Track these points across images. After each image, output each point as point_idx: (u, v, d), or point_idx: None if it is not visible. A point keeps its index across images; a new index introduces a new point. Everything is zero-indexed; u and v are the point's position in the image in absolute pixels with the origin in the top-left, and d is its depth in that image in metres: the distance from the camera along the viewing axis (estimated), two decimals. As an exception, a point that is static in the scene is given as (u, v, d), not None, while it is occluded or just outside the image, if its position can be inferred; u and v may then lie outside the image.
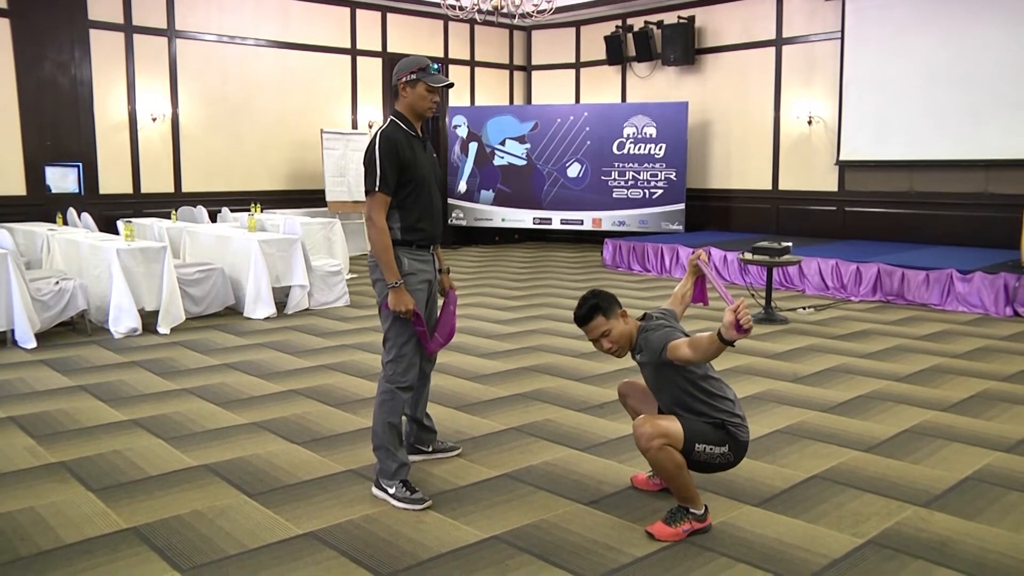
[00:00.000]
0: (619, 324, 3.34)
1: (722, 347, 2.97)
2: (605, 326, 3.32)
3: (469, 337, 7.01)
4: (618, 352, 3.37)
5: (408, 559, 3.11)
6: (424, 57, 3.76)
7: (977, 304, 8.17)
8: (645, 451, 3.21)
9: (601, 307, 3.33)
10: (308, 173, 12.90)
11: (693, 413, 3.29)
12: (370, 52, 13.59)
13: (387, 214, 3.64)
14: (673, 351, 3.15)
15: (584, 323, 3.36)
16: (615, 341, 3.33)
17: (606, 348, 3.36)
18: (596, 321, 3.32)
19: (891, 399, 5.19)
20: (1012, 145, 10.12)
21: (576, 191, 13.58)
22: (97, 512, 3.51)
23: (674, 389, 3.31)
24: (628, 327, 3.37)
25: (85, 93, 10.79)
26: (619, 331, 3.33)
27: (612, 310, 3.34)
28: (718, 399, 3.31)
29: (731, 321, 2.87)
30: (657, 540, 3.24)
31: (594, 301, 3.34)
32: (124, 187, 11.28)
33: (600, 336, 3.34)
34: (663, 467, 3.22)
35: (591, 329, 3.34)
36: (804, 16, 12.12)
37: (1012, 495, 3.69)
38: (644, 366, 3.40)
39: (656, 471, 3.33)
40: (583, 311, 3.34)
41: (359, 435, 4.50)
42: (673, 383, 3.30)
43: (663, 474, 3.27)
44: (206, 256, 8.52)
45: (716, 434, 3.28)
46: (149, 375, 5.83)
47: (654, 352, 3.25)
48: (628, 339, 3.36)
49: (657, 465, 3.24)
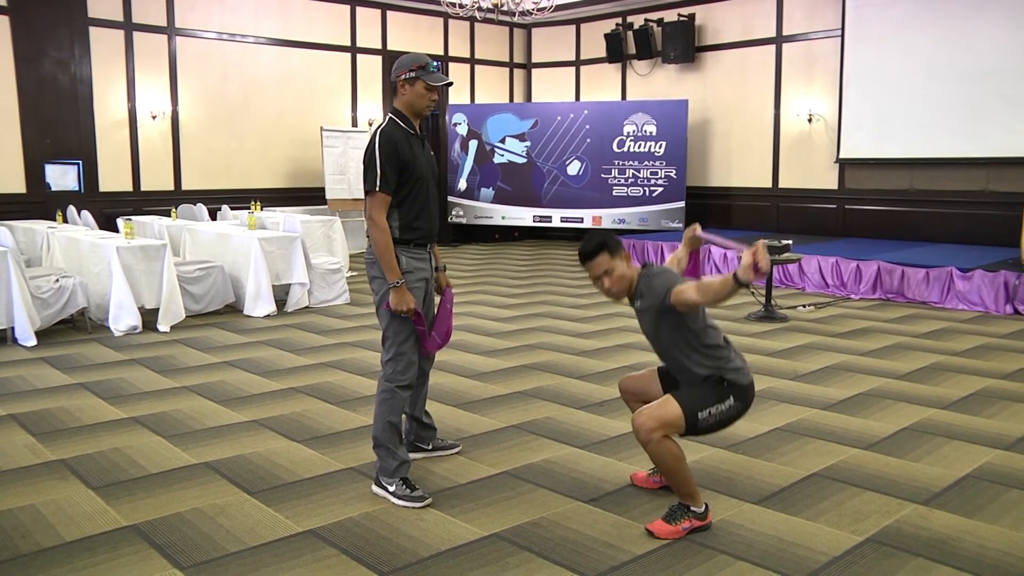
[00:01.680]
0: (622, 266, 3.32)
1: (736, 289, 2.97)
2: (608, 264, 3.29)
3: (469, 335, 7.01)
4: (617, 294, 3.36)
5: (408, 557, 3.11)
6: (423, 55, 3.75)
7: (977, 302, 8.17)
8: (645, 444, 3.22)
9: (608, 245, 3.30)
10: (308, 171, 12.90)
11: (691, 362, 3.30)
12: (370, 50, 13.58)
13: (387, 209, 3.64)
14: (678, 295, 3.15)
15: (589, 258, 3.32)
16: (615, 282, 3.31)
17: (606, 287, 3.33)
18: (601, 258, 3.29)
19: (891, 397, 5.19)
20: (1013, 143, 10.10)
21: (576, 189, 13.57)
22: (97, 510, 3.51)
23: (673, 337, 3.30)
24: (630, 272, 3.35)
25: (85, 91, 10.78)
26: (621, 272, 3.31)
27: (618, 251, 3.32)
28: (715, 348, 3.32)
29: (749, 263, 2.88)
30: (657, 538, 3.24)
31: (601, 239, 3.32)
32: (124, 185, 11.28)
33: (602, 274, 3.31)
34: (662, 461, 3.22)
35: (595, 265, 3.31)
36: (804, 13, 12.11)
37: (1012, 493, 3.69)
38: (643, 313, 3.37)
39: (656, 465, 3.33)
40: (590, 246, 3.31)
41: (359, 433, 4.50)
42: (672, 331, 3.29)
43: (662, 468, 3.27)
44: (206, 254, 8.52)
45: (716, 392, 3.29)
46: (149, 373, 5.83)
47: (657, 296, 3.23)
48: (628, 283, 3.34)
49: (656, 459, 3.25)
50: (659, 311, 3.26)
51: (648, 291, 3.30)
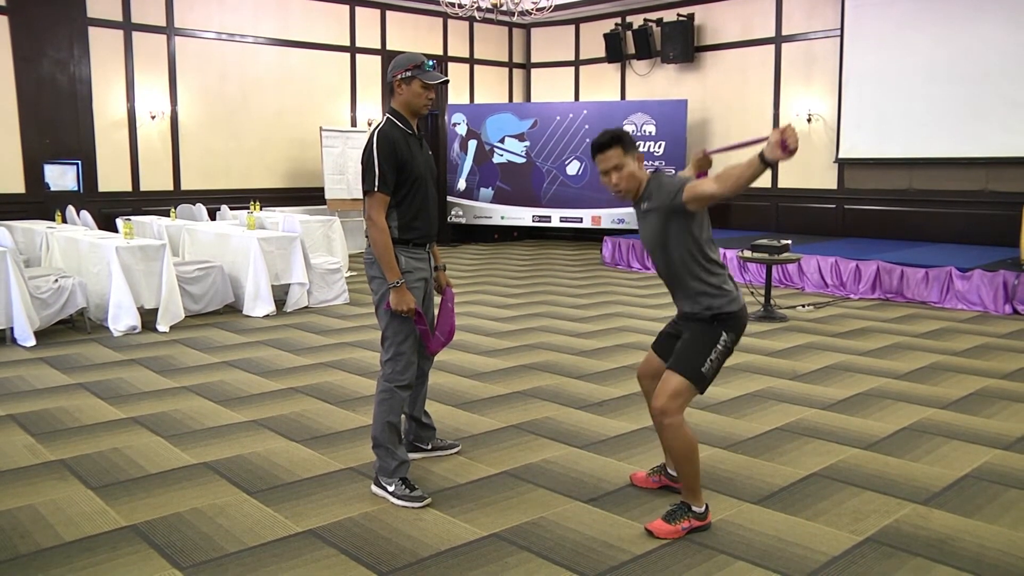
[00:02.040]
0: (633, 164, 3.28)
1: (760, 170, 2.95)
2: (620, 160, 3.25)
3: (468, 335, 7.01)
4: (624, 191, 3.31)
5: (407, 557, 3.11)
6: (419, 54, 3.75)
7: (976, 302, 8.18)
8: (660, 430, 3.26)
9: (623, 140, 3.27)
10: (307, 171, 12.90)
11: (691, 277, 3.28)
12: (369, 50, 13.58)
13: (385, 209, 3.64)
14: (693, 189, 3.12)
15: (601, 150, 3.28)
16: (624, 179, 3.27)
17: (613, 183, 3.29)
18: (614, 151, 3.25)
19: (890, 397, 5.19)
20: (1012, 143, 10.10)
21: (575, 189, 13.57)
22: (97, 510, 3.51)
23: (677, 245, 3.26)
24: (641, 173, 3.32)
25: (84, 91, 10.78)
26: (631, 170, 3.27)
27: (631, 149, 3.28)
28: (714, 264, 3.31)
29: (778, 140, 2.86)
30: (656, 538, 3.24)
31: (618, 133, 3.29)
32: (123, 185, 11.28)
33: (612, 168, 3.27)
34: (674, 447, 3.25)
35: (606, 158, 3.26)
36: (803, 13, 12.11)
37: (1011, 492, 3.69)
38: (649, 215, 3.30)
39: (671, 453, 3.33)
40: (604, 138, 3.28)
41: (358, 433, 4.50)
42: (677, 238, 3.25)
43: (676, 455, 3.28)
44: (205, 254, 8.51)
45: (708, 335, 3.28)
46: (148, 373, 5.83)
47: (668, 195, 3.20)
48: (637, 184, 3.30)
49: (671, 445, 3.26)
50: (668, 211, 3.21)
51: (658, 191, 3.26)
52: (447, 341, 3.91)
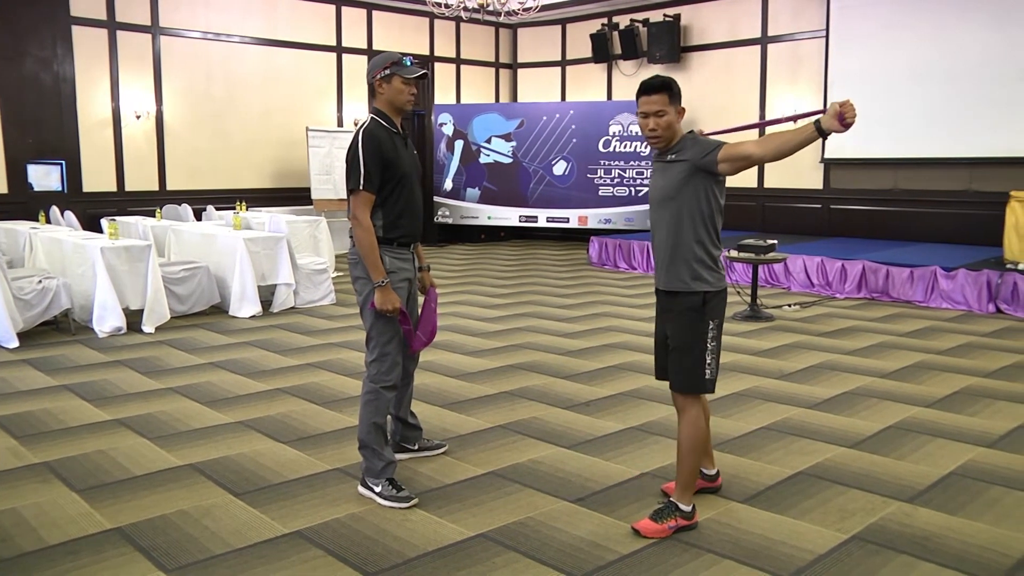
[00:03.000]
0: (674, 115, 3.29)
1: (813, 138, 2.99)
2: (664, 106, 3.26)
3: (455, 335, 7.00)
4: (658, 137, 3.30)
5: (394, 557, 3.10)
6: (395, 52, 3.76)
7: (961, 301, 8.23)
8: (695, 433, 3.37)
9: (672, 88, 3.28)
10: (294, 171, 12.85)
11: (692, 238, 3.27)
12: (356, 50, 13.55)
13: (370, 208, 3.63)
14: (731, 148, 3.16)
15: (649, 92, 3.27)
16: (662, 125, 3.26)
17: (651, 127, 3.28)
18: (660, 96, 3.26)
19: (876, 395, 5.22)
20: (996, 143, 10.18)
21: (562, 189, 13.58)
22: (81, 513, 3.49)
23: (689, 202, 3.25)
24: (678, 126, 3.34)
25: (68, 90, 10.71)
26: (671, 120, 3.28)
27: (677, 101, 3.30)
28: (717, 238, 3.33)
29: (836, 112, 2.92)
30: (643, 536, 3.24)
31: (668, 80, 3.30)
32: (108, 185, 11.21)
33: (654, 113, 3.26)
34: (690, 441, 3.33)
35: (652, 101, 3.26)
36: (789, 14, 12.16)
37: (994, 490, 3.72)
38: (672, 166, 3.30)
39: (681, 444, 3.36)
40: (656, 81, 3.29)
41: (345, 434, 4.49)
42: (692, 195, 3.26)
43: (686, 447, 3.33)
44: (191, 254, 8.47)
45: (697, 332, 3.30)
46: (134, 374, 5.80)
47: (702, 150, 3.21)
48: (673, 134, 3.31)
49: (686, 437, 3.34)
50: (697, 166, 3.22)
51: (693, 145, 3.27)
52: (428, 341, 3.91)
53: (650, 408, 4.96)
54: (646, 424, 4.67)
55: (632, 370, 5.86)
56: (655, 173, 3.41)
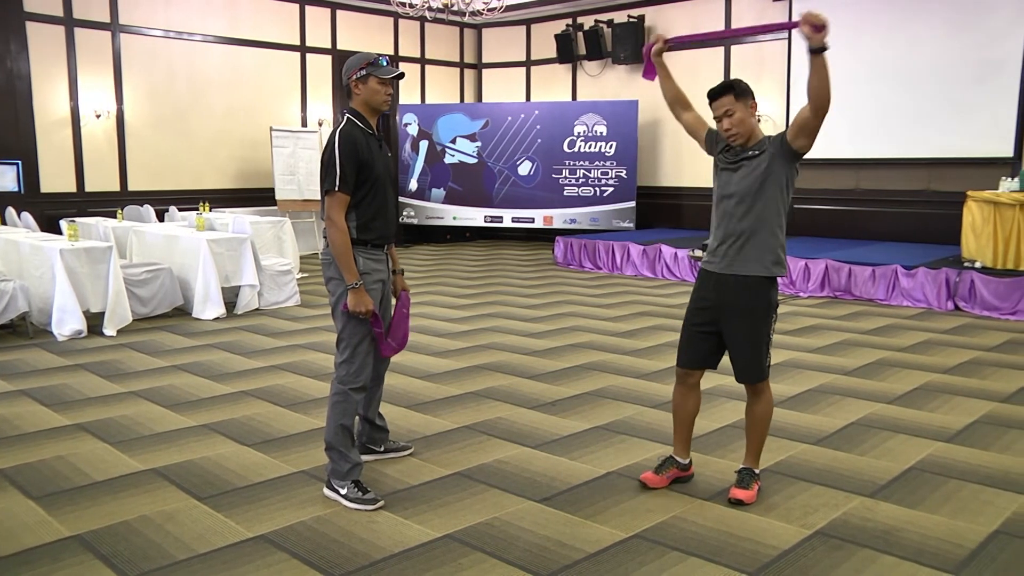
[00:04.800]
0: (746, 112, 3.44)
1: (821, 61, 3.18)
2: (731, 106, 3.42)
3: (421, 336, 6.98)
4: (736, 135, 3.46)
5: (361, 560, 3.09)
6: (370, 53, 3.74)
7: (921, 299, 8.37)
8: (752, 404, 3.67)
9: (734, 88, 3.44)
10: (257, 171, 12.73)
11: (770, 228, 3.45)
12: (320, 49, 13.46)
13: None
14: (795, 121, 3.34)
15: (714, 97, 3.47)
16: (736, 124, 3.43)
17: (725, 128, 3.46)
18: (726, 98, 3.43)
19: (838, 392, 5.29)
20: (953, 144, 10.38)
21: (527, 189, 13.60)
22: (38, 521, 3.42)
23: (772, 193, 3.44)
24: (752, 121, 3.47)
25: (23, 88, 10.50)
26: (743, 117, 3.43)
27: (745, 96, 3.45)
28: (784, 224, 3.53)
29: (808, 28, 3.15)
30: (746, 504, 3.52)
31: (730, 81, 3.47)
32: (67, 186, 11.01)
33: (723, 115, 3.44)
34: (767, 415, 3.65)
35: (718, 105, 3.45)
36: (752, 16, 12.27)
37: (951, 483, 3.79)
38: (752, 160, 3.45)
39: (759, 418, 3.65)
40: (719, 85, 3.47)
41: (310, 436, 4.45)
42: (774, 186, 3.43)
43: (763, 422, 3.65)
44: (153, 256, 8.36)
45: (763, 320, 3.51)
46: (95, 378, 5.70)
47: (778, 141, 3.40)
48: (749, 130, 3.47)
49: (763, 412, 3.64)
50: (777, 154, 3.40)
51: (771, 141, 3.45)
52: (399, 347, 3.89)
53: (616, 407, 4.98)
54: (612, 423, 4.69)
55: (598, 369, 5.88)
56: (726, 170, 3.57)
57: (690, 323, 3.69)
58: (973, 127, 10.22)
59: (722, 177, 3.59)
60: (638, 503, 3.59)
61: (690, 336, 3.69)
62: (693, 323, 3.67)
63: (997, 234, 8.28)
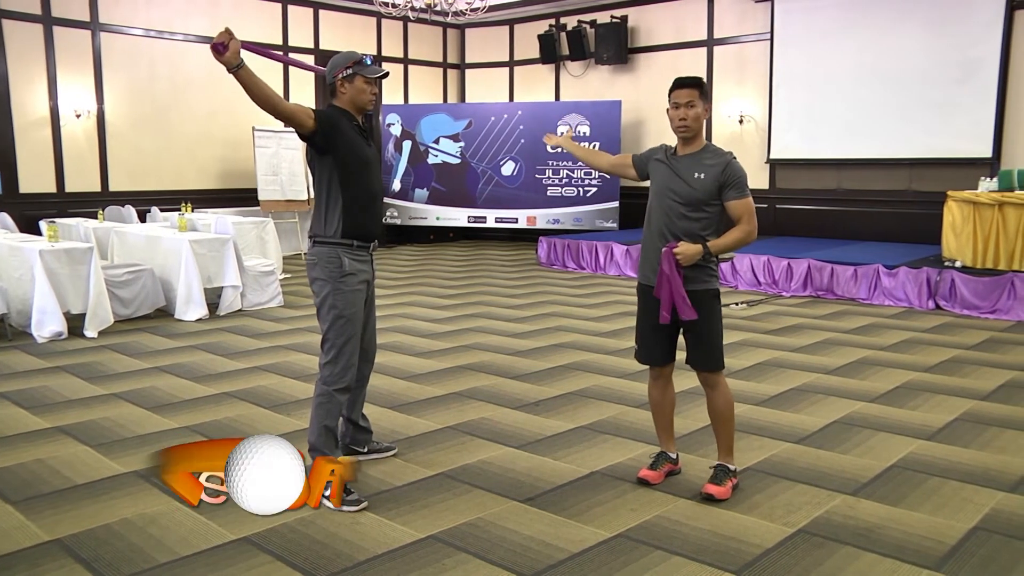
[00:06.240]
0: (702, 111, 3.58)
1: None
2: (695, 100, 3.55)
3: (404, 336, 6.97)
4: (687, 127, 3.57)
5: (344, 561, 3.08)
6: (355, 52, 3.74)
7: (902, 298, 8.43)
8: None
9: (702, 87, 3.60)
10: (240, 172, 12.66)
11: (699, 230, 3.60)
12: (302, 49, 13.40)
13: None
14: (747, 205, 3.56)
15: (684, 86, 3.57)
16: (691, 116, 3.55)
17: (680, 117, 3.57)
18: (691, 91, 3.56)
19: (821, 391, 5.32)
20: (933, 144, 10.46)
21: (510, 189, 13.60)
22: (16, 525, 3.38)
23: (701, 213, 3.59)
24: (703, 124, 3.65)
25: (0, 87, 10.39)
26: (699, 114, 3.57)
27: (707, 98, 3.63)
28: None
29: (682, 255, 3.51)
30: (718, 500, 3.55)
31: (700, 80, 3.63)
32: (47, 186, 10.91)
33: (685, 103, 3.55)
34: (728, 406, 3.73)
35: (685, 94, 3.56)
36: (735, 17, 12.33)
37: (932, 480, 3.82)
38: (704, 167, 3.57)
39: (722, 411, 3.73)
40: (690, 78, 3.61)
41: (294, 437, 4.42)
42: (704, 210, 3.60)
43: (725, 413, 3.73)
44: (135, 257, 8.30)
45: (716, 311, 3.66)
46: (75, 380, 5.66)
47: (733, 181, 3.54)
48: (700, 128, 3.62)
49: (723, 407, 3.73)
50: (721, 184, 3.55)
51: (714, 152, 3.60)
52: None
53: (599, 407, 4.99)
54: (595, 423, 4.69)
55: (581, 369, 5.89)
56: (661, 167, 3.67)
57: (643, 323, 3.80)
58: (953, 127, 10.31)
59: (657, 173, 3.75)
60: (622, 503, 3.60)
61: (643, 333, 3.79)
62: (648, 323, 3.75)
63: (976, 234, 8.35)
